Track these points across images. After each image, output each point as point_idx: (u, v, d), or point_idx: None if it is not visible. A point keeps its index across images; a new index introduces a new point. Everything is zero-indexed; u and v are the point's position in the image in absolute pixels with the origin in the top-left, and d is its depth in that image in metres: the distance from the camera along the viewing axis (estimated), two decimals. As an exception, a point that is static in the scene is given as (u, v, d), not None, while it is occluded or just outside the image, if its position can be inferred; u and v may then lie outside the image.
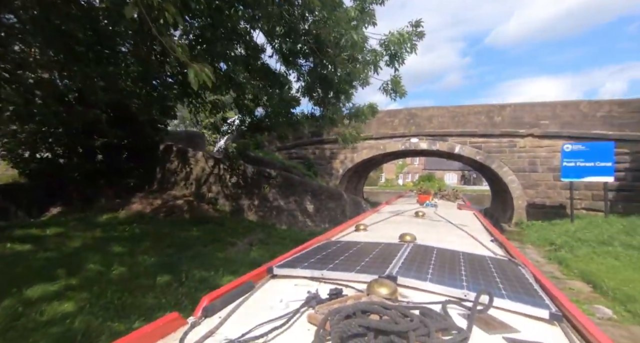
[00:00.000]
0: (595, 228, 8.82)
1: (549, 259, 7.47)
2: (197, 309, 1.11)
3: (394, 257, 1.60)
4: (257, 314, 1.09)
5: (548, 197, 12.36)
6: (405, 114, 15.22)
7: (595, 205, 11.34)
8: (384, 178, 51.21)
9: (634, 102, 10.83)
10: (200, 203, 8.99)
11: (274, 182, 9.80)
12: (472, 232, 2.82)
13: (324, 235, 2.48)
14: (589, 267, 6.25)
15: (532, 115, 12.67)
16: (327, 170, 16.63)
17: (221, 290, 1.25)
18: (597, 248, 7.22)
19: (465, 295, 1.18)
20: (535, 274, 1.58)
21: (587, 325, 1.04)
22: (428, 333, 0.83)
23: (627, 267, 5.99)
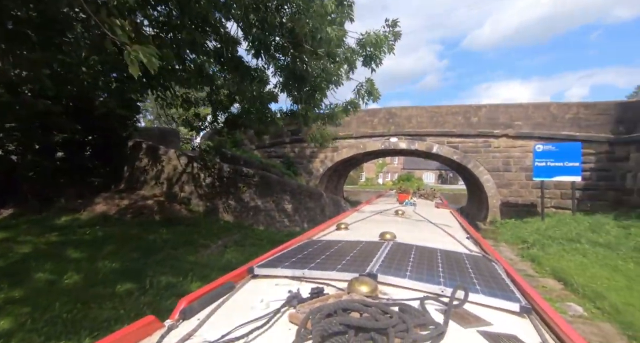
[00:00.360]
0: (564, 226, 9.15)
1: (522, 257, 7.64)
2: (175, 312, 1.09)
3: (375, 255, 1.62)
4: (238, 315, 1.07)
5: (520, 196, 12.77)
6: (385, 114, 15.27)
7: (564, 204, 11.83)
8: (364, 177, 51.65)
9: (599, 104, 11.36)
10: (172, 204, 8.53)
11: (251, 181, 9.48)
12: (449, 229, 2.89)
13: (305, 235, 2.47)
14: (559, 265, 6.41)
15: (506, 116, 13.03)
16: (307, 169, 16.43)
17: (200, 292, 1.22)
18: (566, 245, 7.45)
19: (442, 291, 1.21)
20: (507, 269, 1.65)
21: (554, 316, 1.10)
22: (407, 329, 0.85)
23: (594, 264, 6.19)
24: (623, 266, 5.83)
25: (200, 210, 8.89)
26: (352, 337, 0.81)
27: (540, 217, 11.50)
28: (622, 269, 5.71)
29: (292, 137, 16.59)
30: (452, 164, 16.32)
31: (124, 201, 8.12)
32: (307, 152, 16.45)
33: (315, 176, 16.38)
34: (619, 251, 6.55)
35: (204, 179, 9.13)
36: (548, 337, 1.02)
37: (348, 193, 38.19)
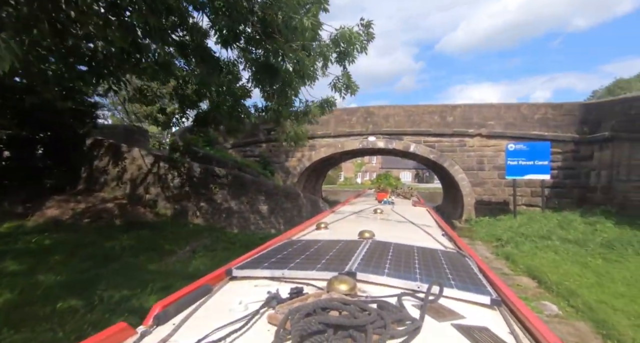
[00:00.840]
0: (535, 223, 9.39)
1: (497, 255, 7.71)
2: (148, 317, 1.05)
3: (354, 254, 1.63)
4: (215, 318, 1.05)
5: (494, 194, 13.08)
6: (363, 112, 15.17)
7: (534, 201, 12.22)
8: (343, 177, 51.79)
9: (565, 105, 11.83)
10: (136, 207, 7.88)
11: (223, 182, 8.98)
12: (425, 227, 2.96)
13: (284, 235, 2.48)
14: (533, 262, 6.48)
15: (480, 116, 13.30)
16: (284, 169, 16.03)
17: (175, 296, 1.19)
18: (538, 243, 7.60)
19: (419, 287, 1.24)
20: (479, 264, 1.72)
21: (522, 308, 1.15)
22: (384, 325, 0.86)
23: (565, 261, 6.31)
24: (592, 262, 5.96)
25: (168, 213, 8.30)
26: (331, 335, 0.82)
27: (512, 215, 11.81)
28: (592, 266, 5.83)
29: (268, 135, 16.12)
30: (428, 163, 16.52)
31: (81, 204, 7.40)
32: (284, 151, 16.05)
33: (292, 176, 16.02)
34: (587, 247, 6.73)
35: (172, 180, 8.53)
36: (516, 327, 1.08)
37: (327, 193, 38.10)
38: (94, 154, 8.51)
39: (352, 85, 5.31)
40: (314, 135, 15.63)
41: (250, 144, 16.30)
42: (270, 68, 5.26)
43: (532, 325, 1.06)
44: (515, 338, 1.00)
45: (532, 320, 1.08)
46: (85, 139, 8.68)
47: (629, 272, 5.34)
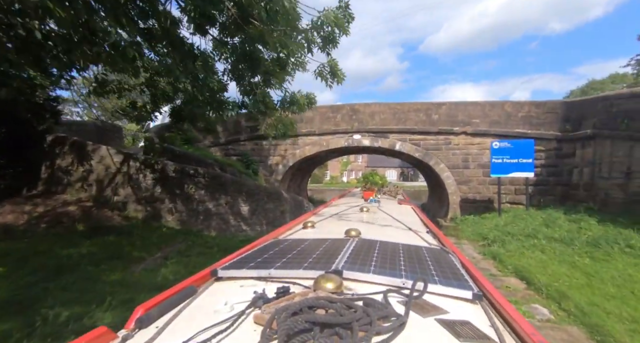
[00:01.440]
0: (520, 222, 9.33)
1: (484, 255, 7.55)
2: (130, 321, 1.03)
3: (340, 252, 1.65)
4: (200, 320, 1.03)
5: (478, 192, 13.06)
6: (348, 110, 14.86)
7: (517, 199, 12.26)
8: (329, 175, 51.56)
9: (548, 103, 11.89)
10: (102, 210, 7.26)
11: (200, 182, 8.45)
12: (410, 224, 3.01)
13: (270, 234, 2.47)
14: (521, 262, 6.33)
15: (465, 114, 13.24)
16: (268, 168, 15.54)
17: (158, 298, 1.17)
18: (525, 242, 7.48)
19: (404, 283, 1.27)
20: (462, 260, 1.77)
21: (502, 302, 1.21)
22: (370, 322, 0.88)
23: (553, 260, 6.18)
24: (580, 262, 5.84)
25: (139, 216, 7.70)
26: (318, 333, 0.82)
27: (497, 213, 11.79)
28: (580, 265, 5.71)
29: (251, 133, 15.58)
30: (414, 161, 16.41)
31: (38, 208, 6.72)
32: (268, 149, 15.56)
33: (277, 174, 15.55)
34: (574, 246, 6.64)
35: (144, 180, 7.93)
36: (496, 320, 1.11)
37: (312, 192, 37.77)
38: (56, 152, 7.79)
39: (338, 72, 4.95)
40: (299, 133, 15.21)
41: (232, 142, 15.70)
42: (250, 56, 4.82)
43: (512, 318, 1.09)
44: (495, 331, 1.03)
45: (512, 313, 1.11)
46: (46, 136, 7.94)
47: (617, 271, 5.24)
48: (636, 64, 20.64)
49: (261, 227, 9.52)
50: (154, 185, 7.98)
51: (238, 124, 15.74)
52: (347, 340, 0.81)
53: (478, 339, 0.96)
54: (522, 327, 1.02)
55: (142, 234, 6.93)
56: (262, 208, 9.63)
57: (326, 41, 4.68)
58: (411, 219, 3.52)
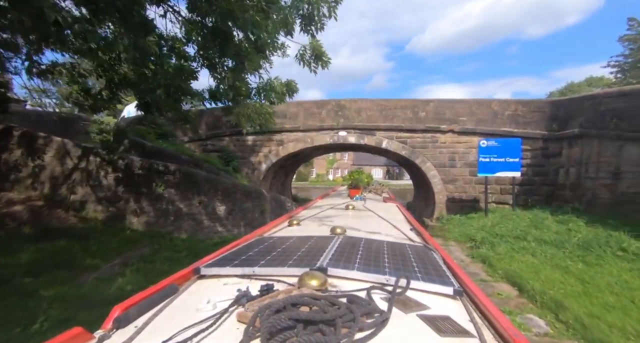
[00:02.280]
0: (507, 222, 9.09)
1: (473, 257, 7.23)
2: (107, 320, 1.00)
3: (325, 250, 1.67)
4: (182, 319, 1.01)
5: (465, 191, 12.85)
6: (334, 106, 14.35)
7: (503, 199, 12.12)
8: (315, 173, 51.07)
9: (534, 102, 11.78)
10: (55, 210, 6.46)
11: (171, 179, 7.74)
12: (395, 222, 3.02)
13: (255, 232, 2.46)
14: (511, 267, 6.01)
15: (452, 112, 12.98)
16: (249, 165, 14.85)
17: (137, 297, 1.13)
18: (514, 244, 7.21)
19: (387, 280, 1.30)
20: (444, 257, 1.84)
21: (481, 297, 1.23)
22: (353, 319, 0.89)
23: (545, 265, 5.88)
24: (573, 266, 5.56)
25: (99, 217, 6.93)
26: (301, 330, 0.82)
27: (483, 213, 11.60)
28: (573, 270, 5.43)
29: (232, 128, 14.82)
30: (400, 159, 16.10)
31: (-23, 208, 5.86)
32: (249, 145, 14.87)
33: (259, 172, 14.88)
34: (564, 249, 6.39)
35: (106, 177, 7.14)
36: (475, 315, 1.15)
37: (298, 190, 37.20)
38: (1, 145, 6.89)
39: (322, 55, 4.40)
40: (282, 129, 14.61)
41: (212, 137, 14.91)
42: (219, 34, 4.20)
43: (490, 313, 1.12)
44: (474, 325, 1.06)
45: (490, 308, 1.14)
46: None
47: (612, 277, 4.97)
48: (616, 65, 21.16)
49: (238, 228, 8.90)
50: (117, 183, 7.21)
51: (219, 119, 14.95)
52: (330, 337, 0.81)
53: (458, 334, 0.98)
54: (500, 322, 1.05)
55: (100, 238, 6.19)
56: (240, 208, 9.01)
57: (308, 19, 4.12)
58: (396, 217, 3.52)
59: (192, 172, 8.11)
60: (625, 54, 20.88)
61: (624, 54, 21.19)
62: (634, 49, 19.70)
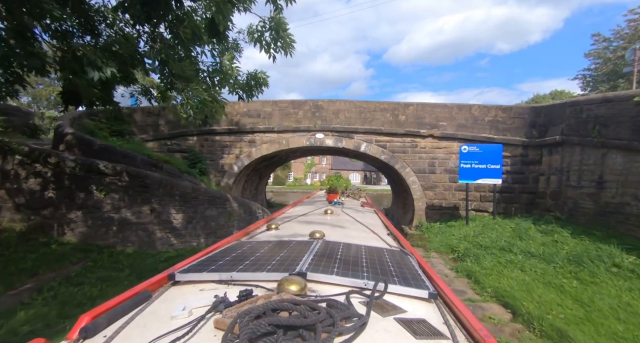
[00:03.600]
0: (490, 232, 8.65)
1: (457, 272, 6.62)
2: (73, 330, 0.95)
3: (304, 254, 1.67)
4: (155, 327, 0.97)
5: (444, 198, 12.45)
6: (311, 106, 13.58)
7: (483, 206, 11.81)
8: (292, 177, 50.01)
9: (514, 108, 11.62)
10: (-44, 220, 5.12)
11: (116, 182, 6.57)
12: (372, 227, 3.12)
13: (233, 236, 2.45)
14: (501, 284, 5.43)
15: (432, 116, 12.61)
16: (219, 168, 13.73)
17: (107, 305, 1.10)
18: (500, 257, 6.68)
19: (366, 285, 1.33)
20: (419, 261, 1.89)
21: (454, 300, 1.26)
22: (333, 323, 0.91)
23: (536, 282, 5.34)
24: (567, 284, 5.05)
25: (17, 227, 5.65)
26: (281, 336, 0.82)
27: (463, 221, 11.21)
28: (568, 289, 4.90)
29: (200, 128, 13.65)
30: (379, 164, 15.57)
31: None
32: (219, 146, 13.75)
33: (229, 175, 13.78)
34: (554, 263, 5.91)
35: (27, 179, 5.88)
36: (449, 317, 1.18)
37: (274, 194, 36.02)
38: None
39: (285, 38, 3.56)
40: (256, 130, 13.64)
41: (177, 136, 13.65)
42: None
43: (462, 315, 1.15)
44: (448, 327, 1.09)
45: (463, 310, 1.17)
46: None
47: (612, 298, 4.48)
48: (583, 79, 22.07)
49: (198, 239, 7.82)
50: (43, 187, 5.95)
51: (185, 116, 13.75)
52: (310, 342, 0.82)
53: (433, 336, 1.01)
54: (471, 323, 1.08)
55: (11, 255, 4.95)
56: (202, 215, 7.94)
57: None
58: (373, 222, 3.57)
59: (142, 174, 6.97)
60: (591, 68, 21.81)
61: (589, 68, 22.14)
62: (599, 63, 20.58)
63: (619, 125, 7.05)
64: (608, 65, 19.08)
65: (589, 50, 21.55)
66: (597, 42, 21.25)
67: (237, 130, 13.71)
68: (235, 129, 13.71)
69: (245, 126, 13.69)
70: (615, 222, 6.86)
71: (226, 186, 13.65)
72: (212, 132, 13.76)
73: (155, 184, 7.04)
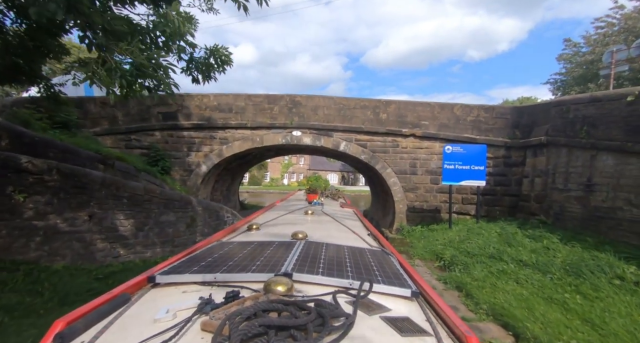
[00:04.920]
0: (475, 237, 8.16)
1: (445, 283, 5.99)
2: (46, 337, 0.91)
3: (288, 255, 1.67)
4: (137, 331, 0.94)
5: (426, 200, 11.98)
6: (287, 101, 12.66)
7: (465, 209, 11.44)
8: (269, 177, 48.63)
9: (497, 108, 11.35)
10: None
11: (41, 182, 5.34)
12: (353, 227, 3.16)
13: (213, 237, 2.44)
14: (497, 300, 4.82)
15: (414, 115, 12.10)
16: (185, 166, 12.47)
17: (83, 309, 1.05)
18: (490, 265, 6.13)
19: (351, 284, 1.34)
20: (400, 261, 1.95)
21: (435, 298, 1.31)
22: (323, 323, 0.92)
23: (535, 297, 4.78)
24: (571, 300, 4.51)
25: None
26: (273, 336, 0.82)
27: (445, 224, 10.76)
28: (574, 306, 4.36)
29: (164, 122, 12.35)
30: (359, 164, 14.92)
31: None
32: (186, 142, 12.50)
33: (197, 175, 12.56)
34: (550, 274, 5.41)
35: None
36: (431, 314, 1.22)
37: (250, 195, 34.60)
38: None
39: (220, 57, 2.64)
40: (227, 126, 12.51)
41: (137, 130, 12.23)
42: None
43: (443, 312, 1.20)
44: (430, 324, 1.12)
45: (444, 308, 1.22)
46: None
47: (623, 318, 3.97)
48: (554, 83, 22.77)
49: (153, 248, 6.70)
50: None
51: (148, 109, 12.36)
52: (302, 342, 0.82)
53: (417, 333, 1.05)
54: (452, 320, 1.12)
55: None
56: (156, 221, 6.82)
57: None
58: (353, 222, 3.66)
59: (78, 173, 5.75)
60: (562, 73, 22.51)
61: (560, 72, 22.85)
62: (571, 66, 21.22)
63: (609, 126, 6.76)
64: (578, 70, 19.69)
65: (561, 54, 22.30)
66: (567, 47, 21.96)
67: (206, 125, 12.52)
68: (204, 124, 12.51)
69: (216, 121, 12.53)
70: (606, 228, 6.54)
71: (193, 186, 12.42)
72: (178, 127, 12.49)
73: (95, 185, 5.85)
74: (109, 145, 11.45)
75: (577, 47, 21.46)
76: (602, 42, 18.76)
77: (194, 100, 12.58)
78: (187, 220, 7.60)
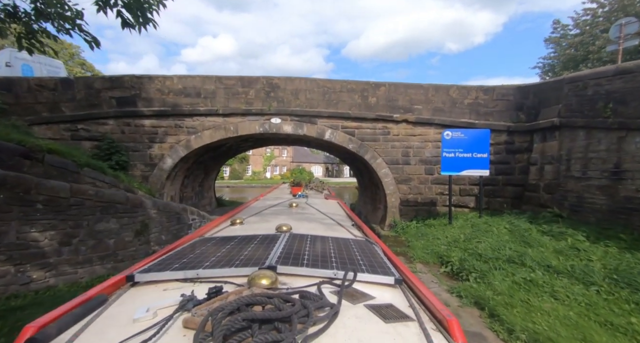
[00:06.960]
0: (483, 235, 7.06)
1: (461, 297, 4.80)
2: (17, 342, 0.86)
3: (273, 248, 1.70)
4: (115, 331, 0.91)
5: (420, 193, 10.85)
6: (264, 85, 11.09)
7: (463, 201, 10.41)
8: (250, 171, 46.70)
9: (498, 88, 10.26)
10: None
11: None
12: (337, 218, 3.25)
13: (195, 233, 2.40)
14: (535, 325, 3.65)
15: (406, 99, 10.85)
16: (147, 161, 10.74)
17: (56, 312, 1.01)
18: (514, 274, 4.99)
19: (335, 274, 1.38)
20: (384, 249, 2.00)
21: (418, 284, 1.36)
22: (308, 314, 0.91)
23: (588, 321, 3.64)
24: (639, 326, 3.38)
25: None
26: (257, 330, 0.81)
27: (442, 218, 9.71)
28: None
29: (118, 108, 10.51)
30: (346, 154, 13.60)
31: None
32: (146, 132, 10.73)
33: (160, 169, 10.84)
34: (593, 283, 4.33)
35: None
36: (414, 301, 1.27)
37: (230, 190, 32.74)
38: None
39: None
40: (195, 112, 10.80)
41: (85, 119, 10.34)
42: None
43: (426, 298, 1.24)
44: (413, 310, 1.17)
45: (426, 293, 1.26)
46: None
47: None
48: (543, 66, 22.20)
49: (87, 267, 5.17)
50: None
51: (98, 92, 10.48)
52: (286, 334, 0.81)
53: (400, 319, 1.08)
54: (434, 305, 1.15)
55: None
56: (90, 231, 5.24)
57: None
58: (338, 213, 3.71)
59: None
60: (552, 56, 21.89)
61: (549, 56, 22.23)
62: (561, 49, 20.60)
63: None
64: (569, 52, 19.08)
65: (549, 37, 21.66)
66: (556, 30, 21.31)
67: (170, 112, 10.77)
68: (168, 111, 10.76)
69: (182, 108, 10.82)
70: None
71: (157, 183, 10.74)
72: (136, 114, 10.69)
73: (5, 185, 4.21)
74: (49, 137, 9.58)
75: (565, 29, 20.82)
76: (592, 23, 18.12)
77: (154, 83, 10.77)
78: (137, 226, 6.06)
